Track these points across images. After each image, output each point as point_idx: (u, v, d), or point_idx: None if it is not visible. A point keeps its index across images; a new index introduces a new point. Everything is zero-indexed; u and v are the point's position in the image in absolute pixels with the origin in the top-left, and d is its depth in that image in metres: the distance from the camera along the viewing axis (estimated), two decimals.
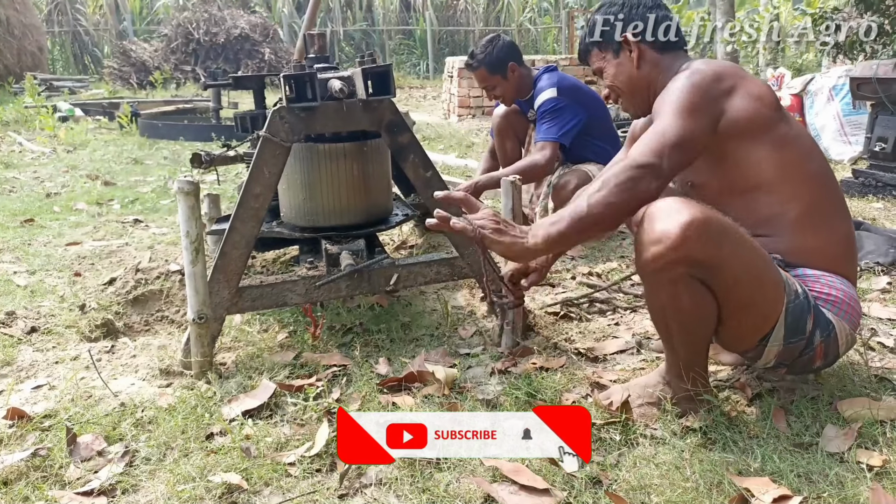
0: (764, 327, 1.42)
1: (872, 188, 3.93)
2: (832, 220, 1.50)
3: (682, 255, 1.30)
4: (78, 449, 1.49)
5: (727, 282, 1.35)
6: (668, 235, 1.29)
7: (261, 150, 1.84)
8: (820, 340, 1.45)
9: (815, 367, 1.54)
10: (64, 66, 18.10)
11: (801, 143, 1.50)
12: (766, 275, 1.39)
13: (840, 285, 1.48)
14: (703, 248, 1.30)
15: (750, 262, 1.36)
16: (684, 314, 1.40)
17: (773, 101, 1.49)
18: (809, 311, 1.43)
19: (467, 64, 3.00)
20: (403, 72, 17.41)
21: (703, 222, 1.29)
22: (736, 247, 1.34)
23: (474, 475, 1.37)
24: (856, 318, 1.51)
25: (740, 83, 1.48)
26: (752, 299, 1.39)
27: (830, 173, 1.55)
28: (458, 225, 1.37)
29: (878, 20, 5.13)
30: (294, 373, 1.87)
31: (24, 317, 2.27)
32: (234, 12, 15.03)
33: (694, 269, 1.33)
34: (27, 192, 4.55)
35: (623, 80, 1.66)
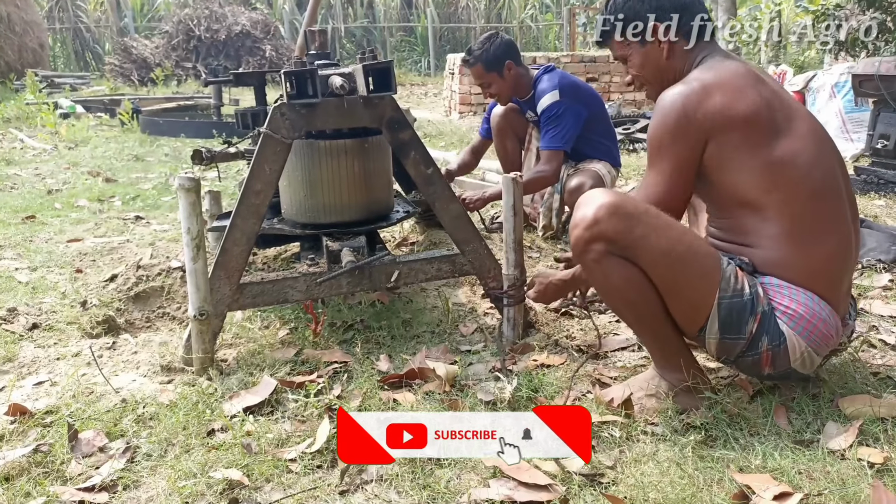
0: (697, 316, 1.47)
1: (874, 185, 3.92)
2: (817, 239, 1.45)
3: (596, 233, 1.44)
4: (79, 445, 1.49)
5: (646, 261, 1.44)
6: (584, 218, 1.46)
7: (262, 146, 1.84)
8: (767, 347, 1.45)
9: (766, 374, 1.52)
10: (65, 62, 18.10)
11: (798, 160, 1.43)
12: (692, 261, 1.44)
13: (806, 301, 1.44)
14: (613, 226, 1.43)
15: (668, 245, 1.43)
16: (621, 290, 1.50)
17: (765, 122, 1.44)
18: (753, 314, 1.43)
19: (464, 60, 3.01)
20: (405, 69, 17.38)
21: (612, 204, 1.43)
22: (651, 230, 1.43)
23: (475, 472, 1.37)
24: (819, 339, 1.45)
25: (729, 103, 1.43)
26: (675, 283, 1.46)
27: (832, 188, 1.48)
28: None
29: (880, 17, 5.12)
30: (295, 369, 1.87)
31: (26, 313, 2.27)
32: (236, 9, 15.02)
33: (611, 247, 1.45)
34: (28, 189, 4.55)
35: (650, 70, 1.65)
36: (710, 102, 1.44)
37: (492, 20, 19.57)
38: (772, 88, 1.51)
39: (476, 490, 1.31)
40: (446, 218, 2.03)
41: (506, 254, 1.97)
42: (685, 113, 1.45)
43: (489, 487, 1.31)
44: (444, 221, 2.04)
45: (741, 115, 1.43)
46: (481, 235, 2.08)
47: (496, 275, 2.05)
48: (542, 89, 2.88)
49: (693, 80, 1.49)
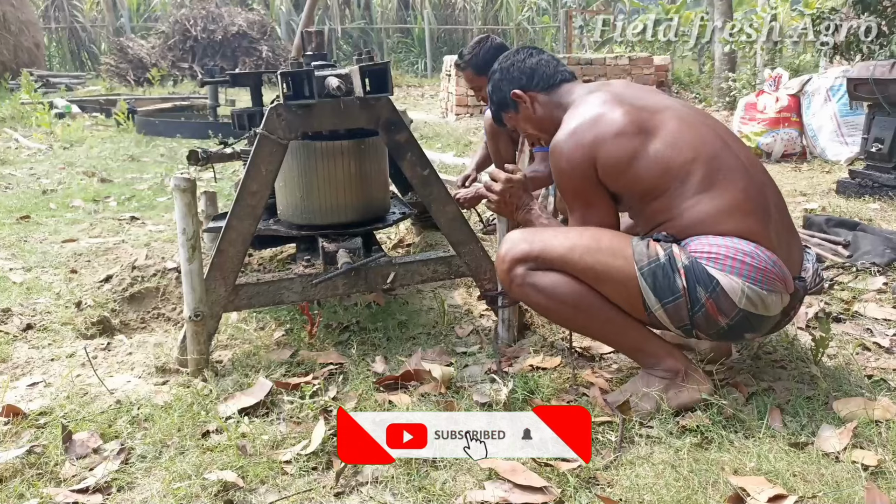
0: (631, 295, 1.54)
1: (869, 189, 3.93)
2: (717, 189, 1.53)
3: (509, 261, 1.63)
4: (73, 446, 1.49)
5: (558, 264, 1.58)
6: (498, 258, 1.67)
7: (258, 147, 1.83)
8: (706, 296, 1.48)
9: (725, 326, 1.51)
10: (61, 62, 18.05)
11: (672, 144, 1.56)
12: (597, 247, 1.55)
13: (725, 243, 1.49)
14: (518, 248, 1.61)
15: (571, 242, 1.57)
16: (555, 297, 1.59)
17: (633, 128, 1.57)
18: (675, 270, 1.49)
19: (456, 64, 3.08)
20: (401, 70, 17.38)
21: (513, 237, 1.65)
22: (549, 236, 1.62)
23: (470, 474, 1.37)
24: (755, 274, 1.47)
25: (600, 134, 1.58)
26: (594, 271, 1.55)
27: (715, 147, 1.57)
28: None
29: (875, 21, 5.14)
30: (290, 371, 1.87)
31: (20, 314, 2.26)
32: (232, 9, 15.01)
33: (526, 264, 1.61)
34: (23, 189, 4.53)
35: (532, 125, 1.85)
36: (581, 140, 1.60)
37: (488, 22, 19.59)
38: (633, 96, 1.67)
39: (471, 492, 1.31)
40: (442, 219, 2.03)
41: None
42: (568, 158, 1.61)
43: (484, 489, 1.31)
44: (440, 223, 2.04)
45: (611, 132, 1.57)
46: (477, 237, 2.08)
47: (492, 276, 2.05)
48: None
49: (563, 128, 1.66)
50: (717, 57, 8.97)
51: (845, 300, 2.30)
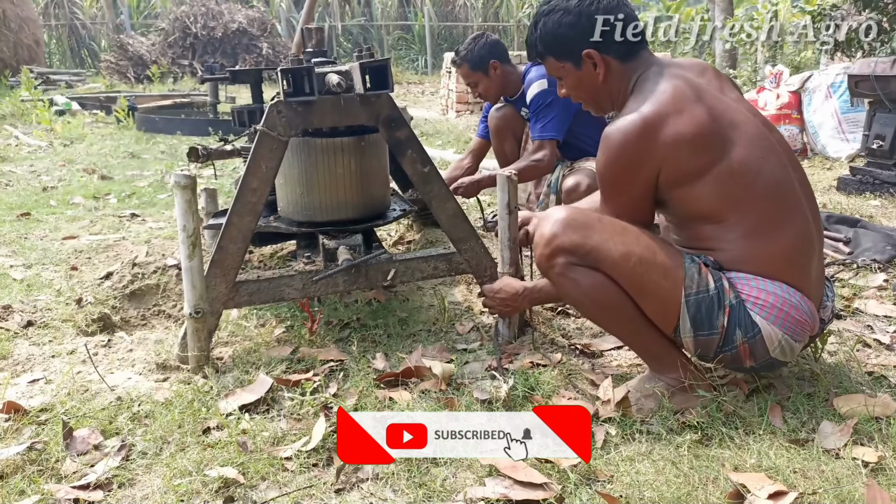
0: (667, 316, 1.50)
1: (870, 185, 3.93)
2: (777, 230, 1.47)
3: (555, 247, 1.52)
4: (74, 443, 1.49)
5: (607, 266, 1.50)
6: (542, 236, 1.55)
7: (258, 144, 1.83)
8: (743, 340, 1.46)
9: (748, 368, 1.53)
10: (61, 59, 18.03)
11: (748, 166, 1.45)
12: (652, 261, 1.47)
13: (775, 290, 1.46)
14: (569, 238, 1.50)
15: (625, 249, 1.48)
16: (593, 297, 1.54)
17: (710, 137, 1.45)
18: (721, 308, 1.45)
19: (452, 61, 3.07)
20: (402, 67, 17.36)
21: (566, 218, 1.53)
22: (605, 235, 1.50)
23: (471, 470, 1.37)
24: (793, 326, 1.46)
25: (674, 128, 1.43)
26: (640, 284, 1.49)
27: (785, 182, 1.49)
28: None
29: (876, 17, 5.13)
30: (291, 368, 1.87)
31: (21, 311, 2.26)
32: (232, 6, 14.98)
33: (571, 258, 1.51)
34: (23, 186, 4.53)
35: (587, 91, 1.65)
36: (654, 135, 1.45)
37: (489, 19, 19.55)
38: (713, 97, 1.51)
39: (472, 488, 1.31)
40: (443, 216, 2.03)
41: (501, 252, 1.97)
42: (633, 149, 1.46)
43: (485, 486, 1.31)
44: (440, 220, 2.04)
45: (686, 138, 1.44)
46: (478, 234, 2.08)
47: (492, 273, 2.05)
48: (529, 79, 2.91)
49: (633, 114, 1.47)
50: (717, 54, 8.94)
51: (846, 297, 2.30)
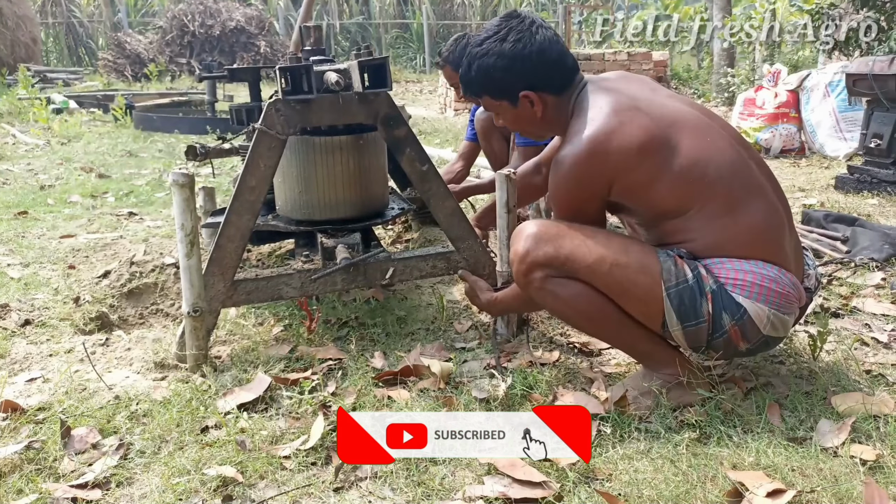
0: (652, 313, 1.49)
1: (867, 184, 3.94)
2: (741, 210, 1.49)
3: (530, 262, 1.53)
4: (72, 442, 1.49)
5: (583, 273, 1.50)
6: (516, 253, 1.56)
7: (256, 142, 1.83)
8: (731, 323, 1.47)
9: (744, 350, 1.53)
10: (58, 57, 17.98)
11: (698, 159, 1.47)
12: (626, 261, 1.48)
13: (751, 268, 1.47)
14: (542, 251, 1.51)
15: (598, 253, 1.48)
16: (576, 307, 1.54)
17: (659, 141, 1.47)
18: (703, 295, 1.46)
19: (435, 62, 3.04)
20: (400, 66, 17.34)
21: (536, 232, 1.53)
22: (576, 243, 1.50)
23: (469, 469, 1.37)
24: (778, 299, 1.46)
25: (622, 142, 1.46)
26: (619, 286, 1.49)
27: (739, 163, 1.51)
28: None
29: (874, 16, 5.14)
30: (289, 366, 1.87)
31: (18, 309, 2.25)
32: (230, 4, 14.95)
33: (548, 270, 1.52)
34: (21, 185, 4.52)
35: (525, 124, 1.69)
36: (602, 154, 1.47)
37: (487, 17, 19.53)
38: (647, 102, 1.53)
39: (470, 487, 1.31)
40: (441, 215, 2.03)
41: (500, 250, 1.97)
42: (584, 172, 1.50)
43: (483, 484, 1.31)
44: (438, 218, 2.04)
45: (633, 149, 1.47)
46: (476, 233, 2.08)
47: (491, 272, 2.05)
48: None
49: (578, 137, 1.50)
50: (715, 52, 8.96)
51: (843, 296, 2.30)
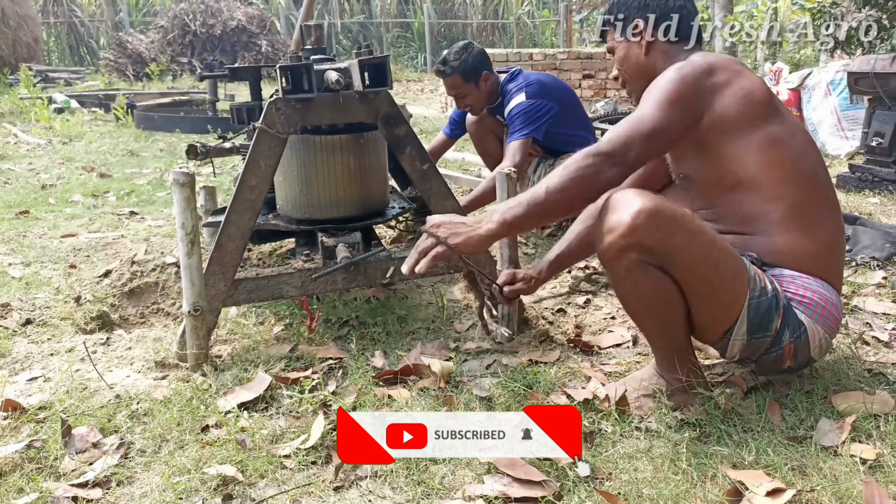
0: (726, 319, 1.43)
1: (869, 183, 3.93)
2: (817, 223, 1.47)
3: (633, 242, 1.34)
4: (73, 441, 1.49)
5: (682, 269, 1.38)
6: (620, 224, 1.34)
7: (257, 141, 1.83)
8: (789, 340, 1.45)
9: (784, 368, 1.53)
10: (60, 57, 18.00)
11: (793, 142, 1.46)
12: (725, 265, 1.40)
13: (818, 288, 1.46)
14: (652, 235, 1.34)
15: (705, 251, 1.38)
16: (647, 301, 1.43)
17: (766, 99, 1.47)
18: (777, 310, 1.42)
19: (439, 71, 2.89)
20: (401, 65, 17.34)
21: (651, 211, 1.33)
22: (688, 235, 1.36)
23: (469, 468, 1.37)
24: (832, 324, 1.48)
25: (732, 79, 1.46)
26: (710, 288, 1.40)
27: (823, 175, 1.51)
28: (423, 263, 1.42)
29: (876, 15, 5.13)
30: (290, 365, 1.87)
31: (19, 309, 2.26)
32: (231, 4, 14.95)
33: (646, 256, 1.36)
34: (22, 184, 4.53)
35: (630, 65, 1.66)
36: (712, 75, 1.46)
37: (488, 16, 19.53)
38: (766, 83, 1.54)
39: (470, 486, 1.31)
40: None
41: (500, 250, 1.97)
42: (691, 77, 1.45)
43: (483, 483, 1.31)
44: None
45: (740, 86, 1.45)
46: None
47: (491, 271, 2.04)
48: (509, 96, 2.85)
49: (695, 58, 1.50)
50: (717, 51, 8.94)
51: (844, 294, 2.29)
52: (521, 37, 18.82)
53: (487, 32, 19.32)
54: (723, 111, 1.45)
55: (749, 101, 1.45)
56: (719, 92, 1.45)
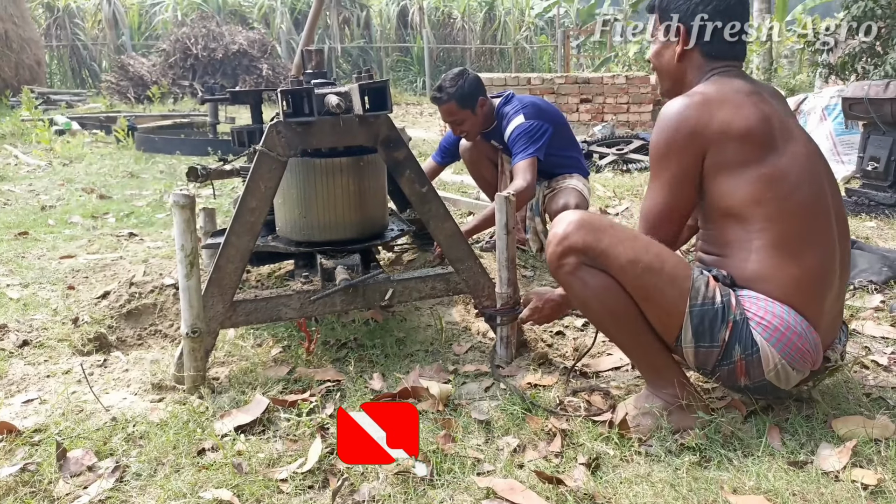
0: (670, 325, 1.50)
1: (865, 207, 3.95)
2: (798, 255, 1.47)
3: (566, 247, 1.54)
4: (68, 464, 1.48)
5: (615, 270, 1.51)
6: (555, 235, 1.56)
7: (257, 164, 1.84)
8: (740, 356, 1.47)
9: (742, 386, 1.54)
10: (62, 79, 18.17)
11: (788, 177, 1.46)
12: (659, 269, 1.48)
13: (781, 314, 1.46)
14: (581, 238, 1.52)
15: (634, 255, 1.49)
16: (598, 299, 1.55)
17: (762, 139, 1.47)
18: (724, 322, 1.46)
19: (435, 98, 2.91)
20: (400, 88, 17.51)
21: (578, 219, 1.54)
22: (617, 240, 1.51)
23: (468, 493, 1.36)
24: (794, 353, 1.46)
25: (726, 116, 1.47)
26: (645, 291, 1.50)
27: (819, 206, 1.50)
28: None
29: (869, 42, 5.20)
30: (287, 388, 1.86)
31: (17, 330, 2.25)
32: (233, 28, 15.14)
33: (582, 258, 1.53)
34: (22, 205, 4.54)
35: (662, 62, 1.68)
36: (710, 116, 1.48)
37: (487, 41, 19.77)
38: (773, 108, 1.54)
39: None
40: (441, 236, 2.04)
41: (499, 272, 1.98)
42: (687, 125, 1.49)
43: None
44: (438, 240, 2.05)
45: (738, 129, 1.46)
46: (475, 254, 2.08)
47: (490, 293, 2.05)
48: (508, 119, 2.87)
49: (695, 94, 1.53)
50: None
51: (843, 319, 2.29)
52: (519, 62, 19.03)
53: (486, 57, 19.55)
54: (717, 152, 1.48)
55: (745, 142, 1.46)
56: (714, 134, 1.47)
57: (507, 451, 1.51)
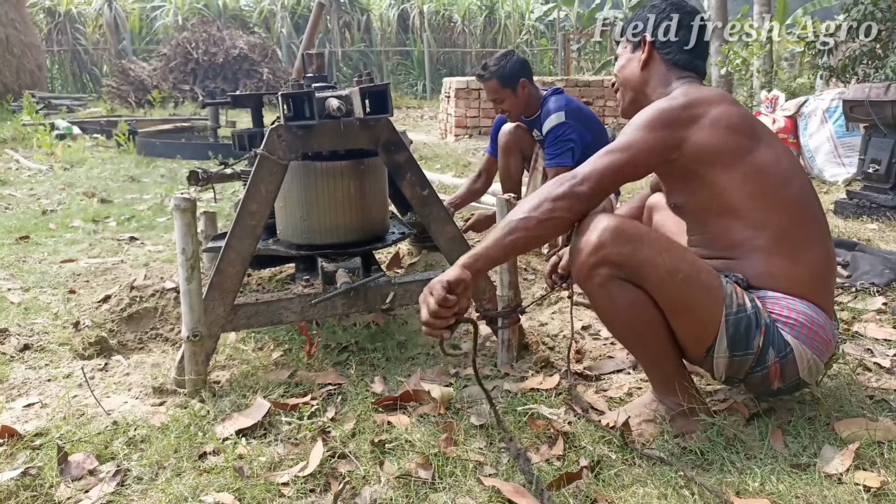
0: (705, 336, 1.45)
1: (867, 209, 3.95)
2: (803, 248, 1.48)
3: (601, 258, 1.41)
4: (69, 468, 1.47)
5: (652, 282, 1.42)
6: (588, 243, 1.42)
7: (258, 167, 1.84)
8: (775, 360, 1.46)
9: (775, 389, 1.52)
10: (63, 84, 18.21)
11: (777, 170, 1.48)
12: (696, 279, 1.42)
13: (804, 309, 1.46)
14: (617, 250, 1.40)
15: (673, 264, 1.41)
16: (626, 317, 1.47)
17: (746, 129, 1.49)
18: (758, 327, 1.44)
19: (478, 75, 3.05)
20: (401, 92, 17.54)
21: (615, 228, 1.41)
22: (654, 250, 1.42)
23: (470, 496, 1.36)
24: (820, 345, 1.48)
25: (710, 110, 1.48)
26: (683, 303, 1.43)
27: (810, 199, 1.52)
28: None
29: (870, 44, 5.21)
30: (289, 391, 1.86)
31: (17, 334, 2.25)
32: (233, 33, 15.17)
33: (616, 271, 1.42)
34: (23, 209, 4.54)
35: (626, 73, 1.70)
36: (689, 108, 1.48)
37: (487, 45, 19.80)
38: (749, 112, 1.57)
39: None
40: (441, 239, 2.04)
41: (500, 275, 1.97)
42: (669, 110, 1.48)
43: None
44: (439, 243, 2.05)
45: (726, 120, 1.47)
46: None
47: (491, 296, 2.04)
48: (548, 110, 2.96)
49: (677, 94, 1.54)
50: (713, 79, 9.05)
51: (845, 320, 2.29)
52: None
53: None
54: (703, 141, 1.46)
55: (729, 131, 1.47)
56: (695, 123, 1.47)
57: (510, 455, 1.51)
